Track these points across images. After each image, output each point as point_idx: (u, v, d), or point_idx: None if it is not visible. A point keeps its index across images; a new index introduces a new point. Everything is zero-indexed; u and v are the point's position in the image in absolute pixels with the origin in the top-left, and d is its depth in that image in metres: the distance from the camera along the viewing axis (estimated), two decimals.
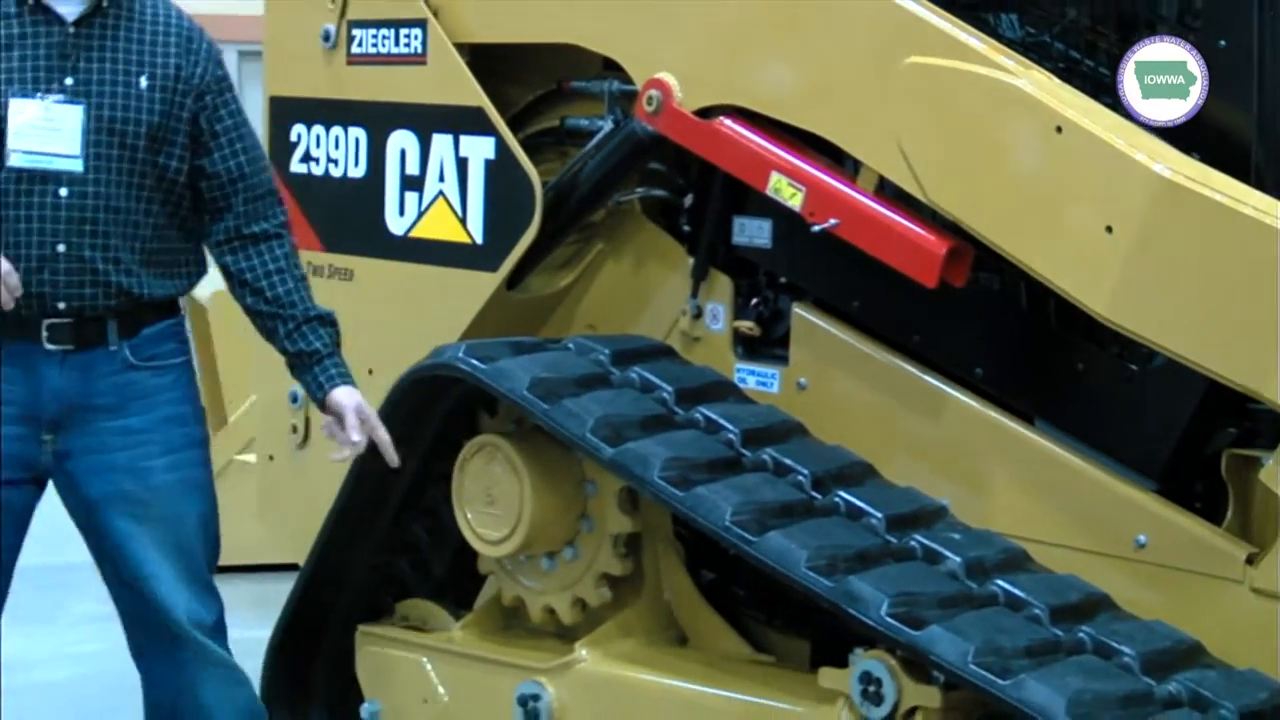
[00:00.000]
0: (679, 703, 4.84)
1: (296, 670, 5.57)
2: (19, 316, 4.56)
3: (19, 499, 4.72)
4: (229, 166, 4.71)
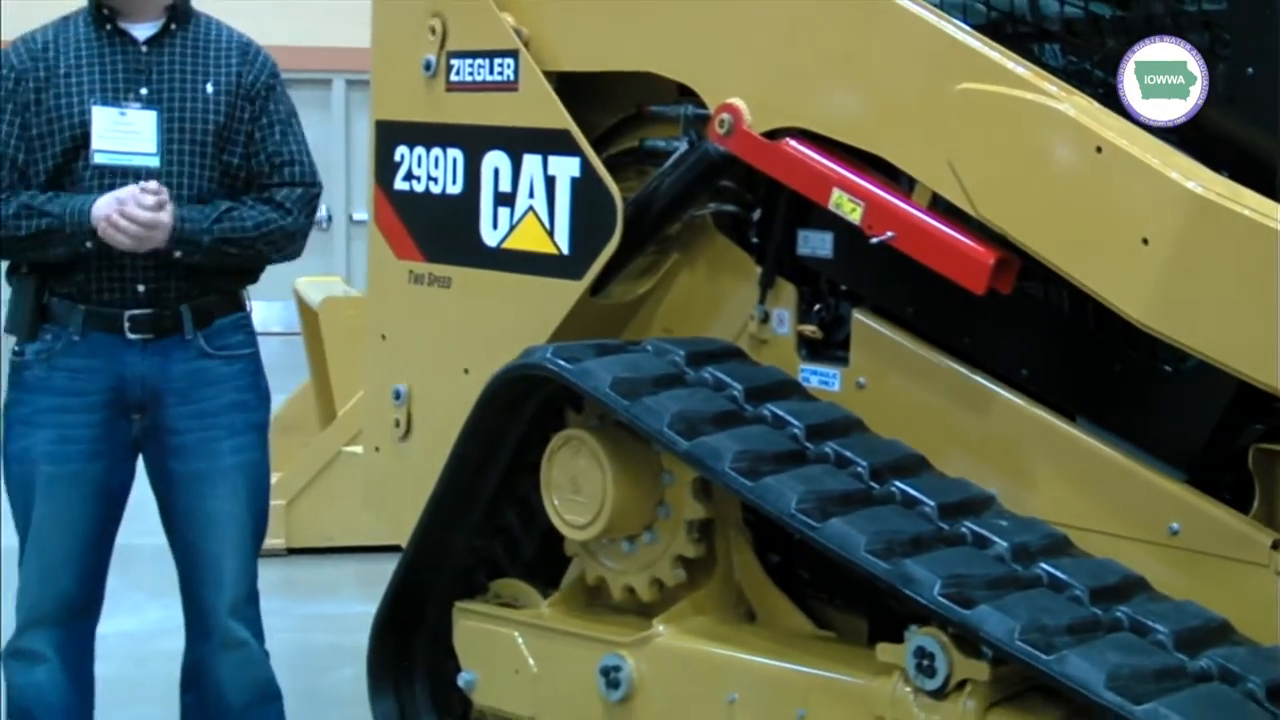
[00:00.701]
0: (748, 674, 4.83)
1: (400, 642, 5.57)
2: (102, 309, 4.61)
3: (115, 475, 4.77)
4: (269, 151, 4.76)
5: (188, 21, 4.77)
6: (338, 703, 5.98)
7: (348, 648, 5.81)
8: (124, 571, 5.15)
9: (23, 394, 4.77)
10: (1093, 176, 4.38)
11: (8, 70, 4.79)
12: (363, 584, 6.59)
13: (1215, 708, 4.00)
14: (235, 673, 4.83)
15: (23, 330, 4.77)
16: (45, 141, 4.70)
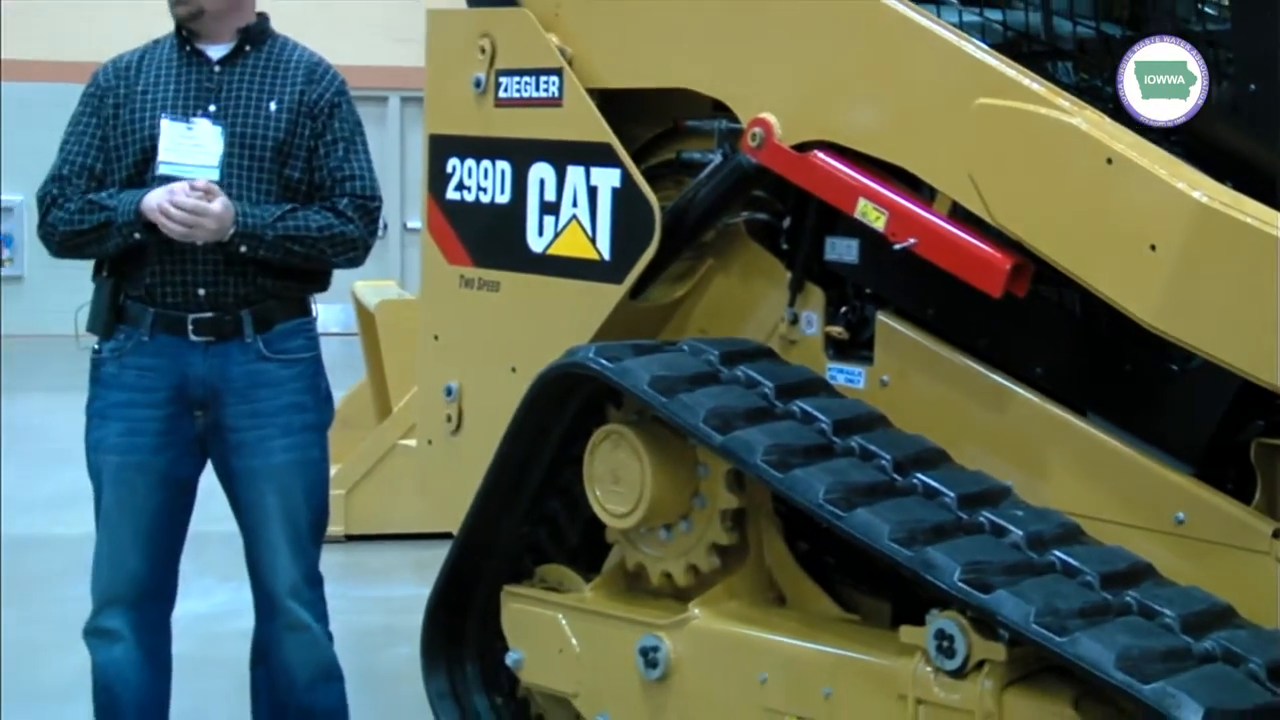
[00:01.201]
0: (778, 655, 4.83)
1: (452, 623, 5.58)
2: (168, 311, 4.64)
3: (183, 468, 4.81)
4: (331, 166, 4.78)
5: (262, 43, 4.80)
6: (393, 680, 6.00)
7: (403, 628, 5.83)
8: (197, 557, 5.18)
9: (98, 389, 4.82)
10: (1103, 187, 4.38)
11: (94, 87, 4.85)
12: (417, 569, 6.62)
13: (1219, 687, 3.99)
14: (300, 654, 4.85)
15: (100, 329, 4.81)
16: (120, 153, 4.74)
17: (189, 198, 4.57)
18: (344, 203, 4.80)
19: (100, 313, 4.80)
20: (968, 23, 4.90)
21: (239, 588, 4.95)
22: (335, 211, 4.82)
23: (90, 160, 4.75)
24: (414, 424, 6.37)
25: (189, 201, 4.57)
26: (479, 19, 5.77)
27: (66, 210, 4.72)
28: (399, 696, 5.83)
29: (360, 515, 8.42)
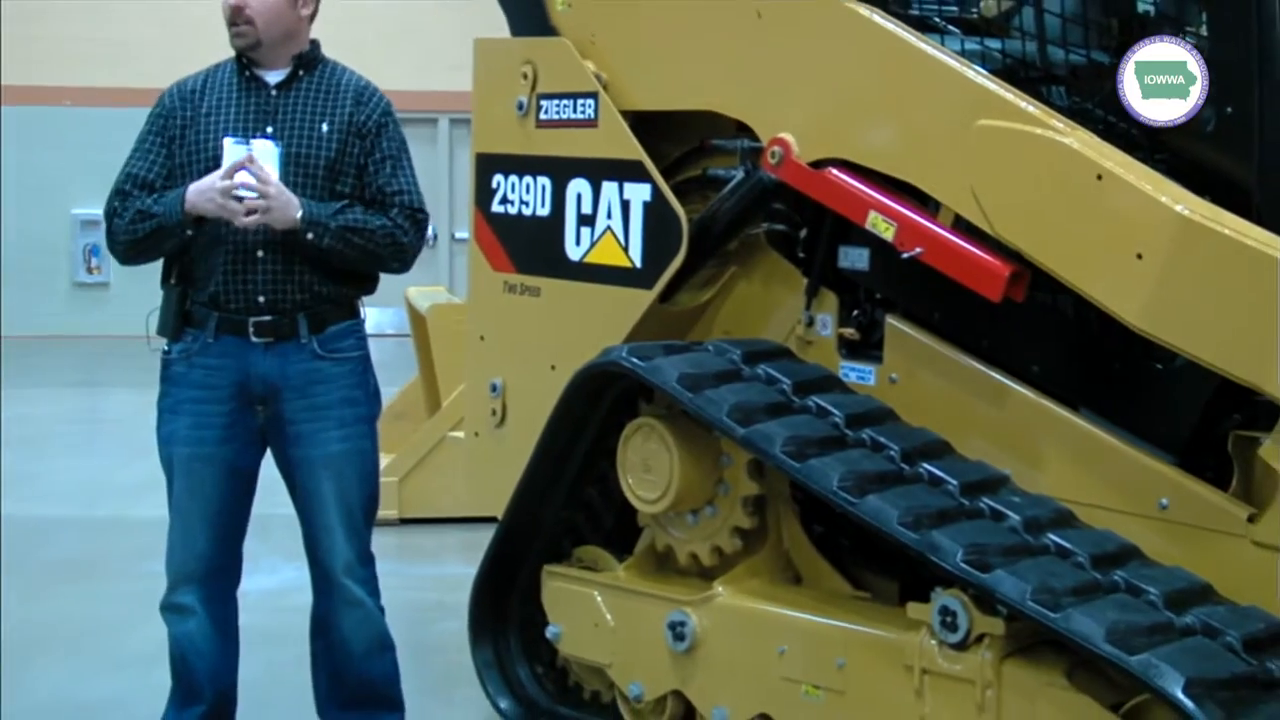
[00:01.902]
0: (795, 629, 4.86)
1: (497, 599, 5.60)
2: (231, 315, 4.67)
3: (246, 458, 4.83)
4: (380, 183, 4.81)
5: (314, 68, 4.83)
6: (442, 651, 6.02)
7: (451, 604, 5.85)
8: (262, 538, 5.22)
9: (168, 386, 4.84)
10: (1094, 200, 4.39)
11: (160, 109, 4.87)
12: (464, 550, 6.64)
13: (1199, 658, 4.02)
14: (355, 627, 4.87)
15: (169, 332, 4.83)
16: (185, 170, 4.76)
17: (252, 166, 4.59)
18: (394, 212, 4.83)
19: (169, 317, 4.83)
20: (969, 50, 4.91)
21: (301, 566, 4.97)
22: (388, 217, 4.85)
23: (151, 175, 4.78)
24: (462, 417, 6.39)
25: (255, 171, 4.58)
26: (522, 47, 5.79)
27: (123, 219, 4.76)
28: (448, 666, 5.85)
29: (413, 500, 8.44)
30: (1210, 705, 3.89)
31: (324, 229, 4.69)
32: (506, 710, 5.54)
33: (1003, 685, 4.37)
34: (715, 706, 5.01)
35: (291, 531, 4.97)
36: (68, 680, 6.15)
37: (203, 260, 4.77)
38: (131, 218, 4.75)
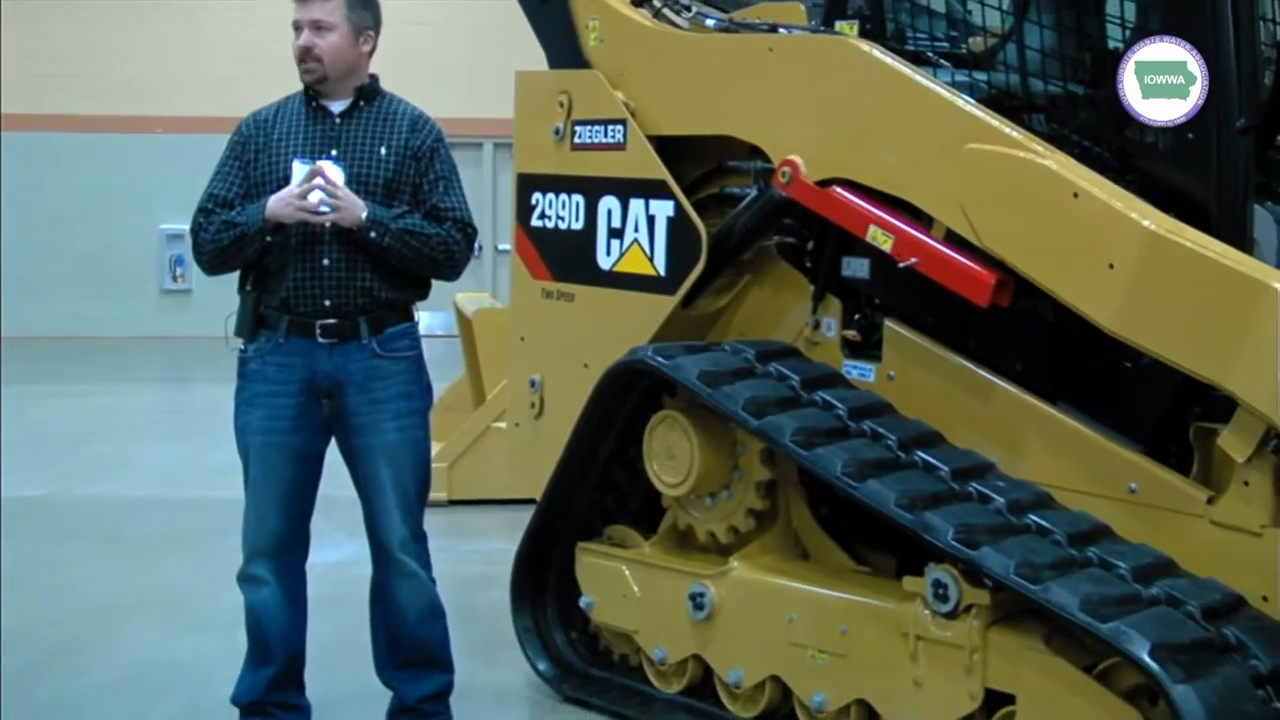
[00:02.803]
0: (803, 599, 4.86)
1: (536, 573, 5.61)
2: (299, 317, 4.69)
3: (313, 446, 4.85)
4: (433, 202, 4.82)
5: (373, 99, 4.84)
6: (487, 618, 6.03)
7: (495, 576, 5.85)
8: (327, 517, 5.22)
9: (244, 382, 4.85)
10: (1071, 216, 4.39)
11: (238, 135, 4.89)
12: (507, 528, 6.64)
13: (1163, 625, 4.02)
14: (409, 595, 4.88)
15: (245, 333, 4.84)
16: (260, 189, 4.77)
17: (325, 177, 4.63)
18: (448, 225, 4.83)
19: (245, 320, 4.84)
20: (959, 82, 4.91)
21: (361, 542, 4.98)
22: (442, 228, 4.85)
23: (229, 195, 4.80)
24: (504, 409, 6.38)
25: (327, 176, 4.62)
26: (558, 79, 5.80)
27: (209, 232, 4.78)
28: (492, 631, 5.86)
29: (461, 484, 8.45)
30: (1172, 667, 3.90)
31: (385, 229, 4.71)
32: (544, 671, 5.54)
33: (988, 650, 4.38)
34: (731, 668, 5.02)
35: (353, 511, 4.98)
36: (159, 641, 6.19)
37: (275, 270, 4.79)
38: (217, 228, 4.78)
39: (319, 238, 4.73)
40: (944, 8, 5.34)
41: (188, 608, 6.63)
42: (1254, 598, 4.21)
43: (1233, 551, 4.26)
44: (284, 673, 4.93)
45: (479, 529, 7.94)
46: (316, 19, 4.77)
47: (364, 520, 4.93)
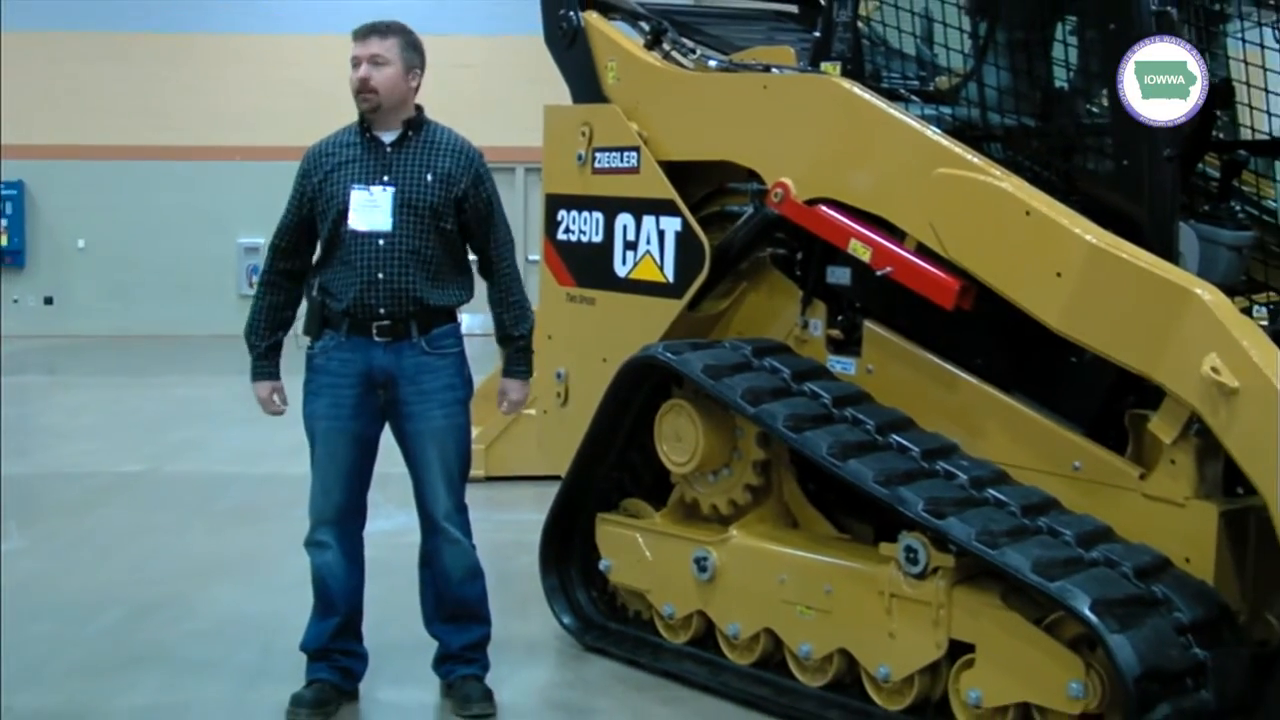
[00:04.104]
0: (793, 563, 4.88)
1: (562, 540, 5.62)
2: (358, 320, 4.72)
3: (370, 430, 4.86)
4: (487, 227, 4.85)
5: (421, 129, 4.83)
6: (520, 579, 6.03)
7: (527, 543, 5.85)
8: (382, 491, 5.22)
9: (311, 374, 4.86)
10: (1025, 231, 4.40)
11: (301, 170, 4.88)
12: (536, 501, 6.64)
13: (1101, 583, 4.05)
14: (453, 559, 4.88)
15: (312, 332, 4.85)
16: (324, 213, 4.76)
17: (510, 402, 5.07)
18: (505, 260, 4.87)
19: (312, 322, 4.85)
20: (927, 115, 4.92)
21: (411, 513, 4.99)
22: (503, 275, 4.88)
23: (293, 222, 4.82)
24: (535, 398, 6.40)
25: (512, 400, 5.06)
26: (581, 112, 5.82)
27: (259, 289, 4.94)
28: (524, 590, 5.86)
29: (497, 463, 8.44)
30: (1109, 619, 3.93)
31: (529, 363, 5.03)
32: (569, 625, 5.56)
33: (953, 606, 4.40)
34: (730, 623, 5.04)
35: (404, 487, 4.99)
36: (240, 599, 6.21)
37: (337, 279, 4.79)
38: (261, 292, 4.96)
39: (376, 255, 4.74)
40: (915, 51, 5.35)
41: (262, 569, 6.65)
42: (1178, 559, 4.23)
43: (1161, 520, 4.28)
44: (345, 624, 4.95)
45: (512, 502, 7.94)
46: (376, 54, 4.78)
47: (414, 494, 4.93)
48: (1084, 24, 4.80)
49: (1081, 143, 4.70)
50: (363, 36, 4.80)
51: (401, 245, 4.75)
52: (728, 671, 5.05)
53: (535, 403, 6.22)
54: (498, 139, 14.68)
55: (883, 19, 5.23)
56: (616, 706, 5.01)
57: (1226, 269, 4.57)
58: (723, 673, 5.06)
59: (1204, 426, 4.10)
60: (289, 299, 4.95)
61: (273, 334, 4.94)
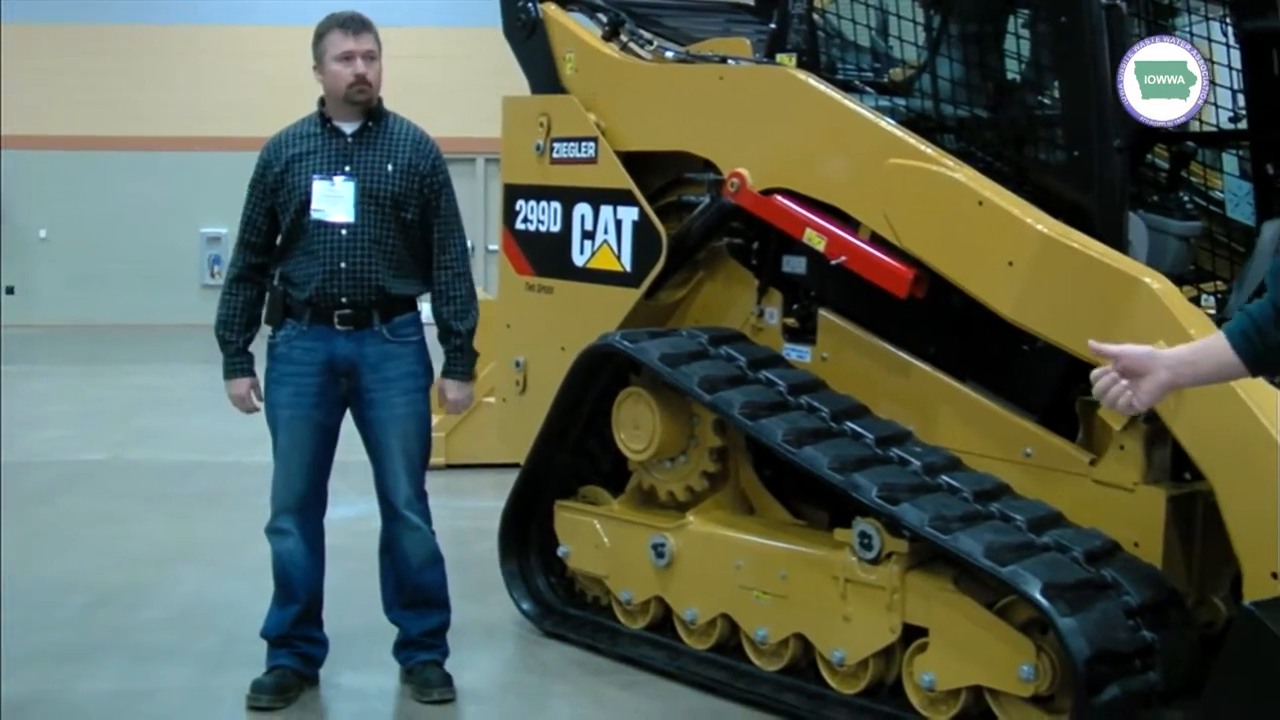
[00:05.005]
0: (749, 549, 4.87)
1: (521, 527, 5.60)
2: (320, 309, 4.68)
3: (332, 418, 4.83)
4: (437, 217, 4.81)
5: (380, 120, 4.80)
6: (479, 565, 6.00)
7: (486, 530, 5.83)
8: (343, 478, 5.19)
9: (273, 363, 4.82)
10: (977, 221, 4.40)
11: (260, 162, 4.84)
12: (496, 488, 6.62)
13: (1052, 568, 4.05)
14: (413, 546, 4.85)
15: (275, 321, 4.82)
16: (285, 205, 4.72)
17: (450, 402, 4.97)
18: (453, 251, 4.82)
19: (274, 311, 4.81)
20: (881, 106, 4.91)
21: (371, 500, 4.96)
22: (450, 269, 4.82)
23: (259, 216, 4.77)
24: (494, 386, 6.38)
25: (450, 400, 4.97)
26: (539, 103, 5.78)
27: (226, 286, 4.86)
28: (483, 577, 5.83)
29: (457, 450, 8.41)
30: (1059, 602, 3.93)
31: (471, 360, 4.96)
32: (528, 610, 5.54)
33: (906, 590, 4.40)
34: (687, 608, 5.03)
35: (364, 474, 4.97)
36: (202, 586, 6.16)
37: (299, 268, 4.76)
38: (229, 289, 4.89)
39: (339, 244, 4.71)
40: (869, 43, 5.34)
41: (224, 556, 6.61)
42: (1127, 544, 4.24)
43: (1110, 505, 4.29)
44: (306, 611, 4.92)
45: (472, 489, 7.92)
46: (370, 50, 4.75)
47: (374, 481, 4.90)
48: (1035, 17, 4.80)
49: (1033, 134, 4.70)
50: (356, 31, 4.75)
51: (364, 235, 4.72)
52: (685, 656, 5.04)
53: (495, 391, 6.20)
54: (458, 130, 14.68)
55: (837, 11, 5.23)
56: (575, 691, 4.99)
57: (1175, 258, 4.59)
58: (680, 657, 5.05)
59: (1152, 413, 4.10)
60: (261, 294, 4.91)
61: (247, 330, 4.90)
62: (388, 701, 4.92)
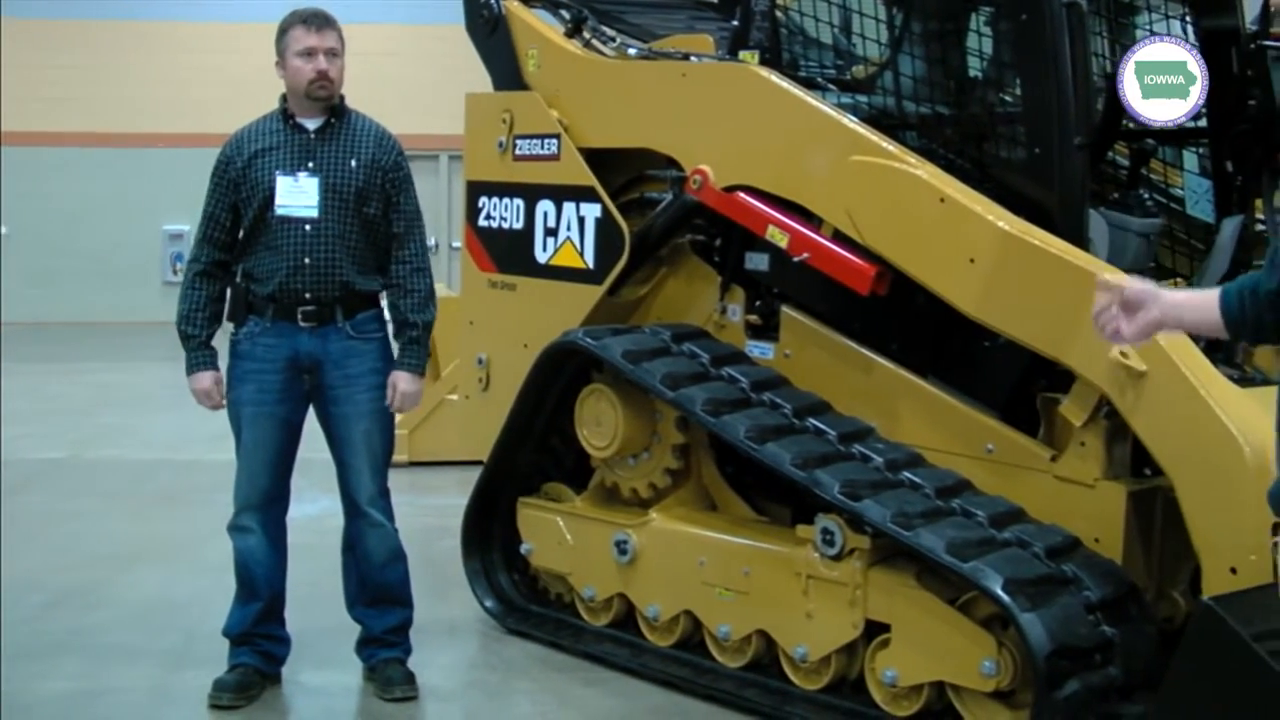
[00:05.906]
0: (711, 545, 4.87)
1: (483, 524, 5.58)
2: (284, 305, 4.66)
3: (296, 415, 4.81)
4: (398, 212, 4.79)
5: (343, 117, 4.78)
6: (442, 562, 5.99)
7: (449, 527, 5.81)
8: (305, 475, 5.15)
9: (236, 360, 4.79)
10: (938, 218, 4.40)
11: (220, 159, 4.81)
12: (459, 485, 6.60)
13: (1013, 563, 4.06)
14: (376, 543, 4.84)
15: (237, 318, 4.79)
16: (249, 201, 4.70)
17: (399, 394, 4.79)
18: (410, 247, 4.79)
19: (237, 308, 4.79)
20: (844, 103, 4.91)
21: (334, 498, 4.94)
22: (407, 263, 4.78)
23: (221, 216, 4.74)
24: (456, 384, 6.37)
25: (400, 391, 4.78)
26: (502, 100, 5.76)
27: (187, 284, 4.79)
28: (446, 574, 5.82)
29: (420, 448, 8.39)
30: (1020, 598, 3.94)
31: (423, 357, 4.83)
32: (491, 608, 5.52)
33: (868, 586, 4.41)
34: (650, 604, 5.02)
35: (327, 472, 4.94)
36: (161, 582, 6.12)
37: (262, 264, 4.73)
38: (190, 284, 4.80)
39: (303, 240, 4.68)
40: (832, 40, 5.34)
41: (185, 554, 6.56)
42: (1088, 539, 4.25)
43: (1071, 501, 4.30)
44: (268, 609, 4.89)
45: (435, 486, 7.89)
46: (333, 46, 4.73)
47: (337, 479, 4.88)
48: (996, 15, 4.81)
49: (994, 131, 4.70)
50: (319, 28, 4.72)
51: (328, 230, 4.70)
52: (648, 653, 5.03)
53: (458, 388, 6.18)
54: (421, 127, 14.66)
55: (800, 8, 5.22)
56: (538, 688, 4.97)
57: (1135, 255, 4.61)
58: (643, 654, 5.04)
59: (1113, 409, 4.13)
60: (223, 290, 4.87)
61: (210, 325, 4.85)
62: (350, 699, 4.89)
